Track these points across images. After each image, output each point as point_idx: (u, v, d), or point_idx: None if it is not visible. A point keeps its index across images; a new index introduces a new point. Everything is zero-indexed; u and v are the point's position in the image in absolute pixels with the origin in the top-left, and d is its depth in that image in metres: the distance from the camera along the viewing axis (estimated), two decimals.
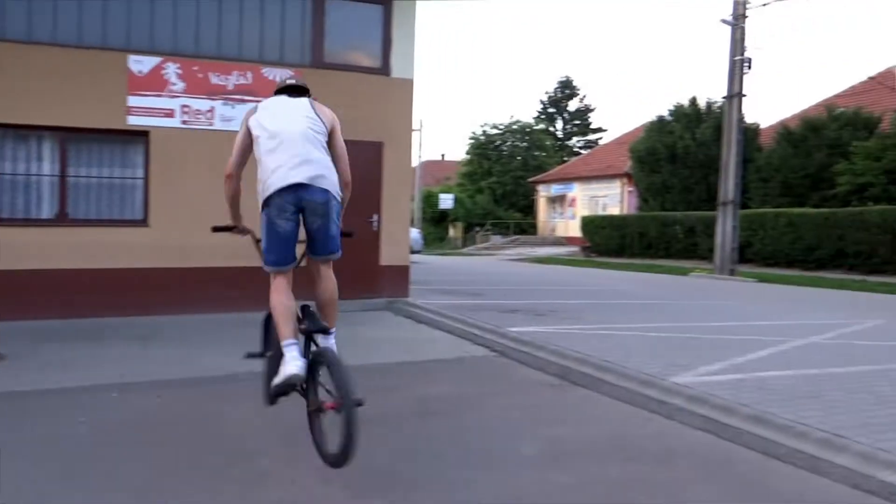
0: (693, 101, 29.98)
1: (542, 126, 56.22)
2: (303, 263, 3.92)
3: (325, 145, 3.84)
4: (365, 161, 10.16)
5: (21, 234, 8.71)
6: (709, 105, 29.62)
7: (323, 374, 3.53)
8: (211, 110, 9.53)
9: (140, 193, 9.37)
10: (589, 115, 59.81)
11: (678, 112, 29.94)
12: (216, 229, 4.20)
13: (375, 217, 10.35)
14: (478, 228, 43.15)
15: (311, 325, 3.74)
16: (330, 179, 3.75)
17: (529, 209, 47.07)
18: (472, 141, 49.79)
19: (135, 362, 6.28)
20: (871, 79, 26.50)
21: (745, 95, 19.43)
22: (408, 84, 10.56)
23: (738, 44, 19.11)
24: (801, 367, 6.10)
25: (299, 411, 3.76)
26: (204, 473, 3.64)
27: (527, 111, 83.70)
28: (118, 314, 8.74)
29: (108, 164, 9.31)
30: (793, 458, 3.96)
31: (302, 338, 3.73)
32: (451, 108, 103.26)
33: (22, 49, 8.68)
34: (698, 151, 27.94)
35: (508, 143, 49.50)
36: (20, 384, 5.40)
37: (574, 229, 36.51)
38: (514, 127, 49.55)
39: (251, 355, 4.06)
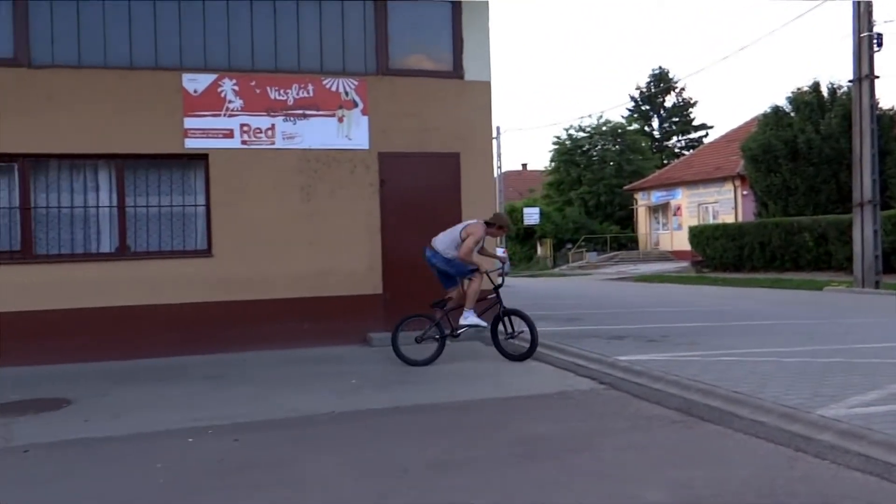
0: (815, 87, 28.94)
1: (635, 126, 55.39)
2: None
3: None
4: (440, 175, 10.22)
5: (81, 269, 9.16)
6: (833, 90, 28.54)
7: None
8: (272, 128, 9.81)
9: (202, 221, 9.71)
10: (689, 110, 58.67)
11: (797, 101, 28.93)
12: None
13: None
14: (569, 245, 42.72)
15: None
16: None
17: (628, 221, 46.36)
18: (557, 146, 49.43)
19: (206, 403, 6.46)
20: None
21: (877, 77, 18.60)
22: (484, 87, 10.55)
23: (863, 18, 18.34)
24: None
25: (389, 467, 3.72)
26: None
27: (616, 110, 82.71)
28: (183, 352, 9.08)
29: (167, 191, 9.70)
30: None
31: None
32: (529, 112, 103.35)
33: (71, 74, 9.17)
34: (824, 145, 26.95)
35: (598, 147, 48.89)
36: (90, 430, 5.63)
37: (681, 241, 35.74)
38: (604, 128, 48.93)
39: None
